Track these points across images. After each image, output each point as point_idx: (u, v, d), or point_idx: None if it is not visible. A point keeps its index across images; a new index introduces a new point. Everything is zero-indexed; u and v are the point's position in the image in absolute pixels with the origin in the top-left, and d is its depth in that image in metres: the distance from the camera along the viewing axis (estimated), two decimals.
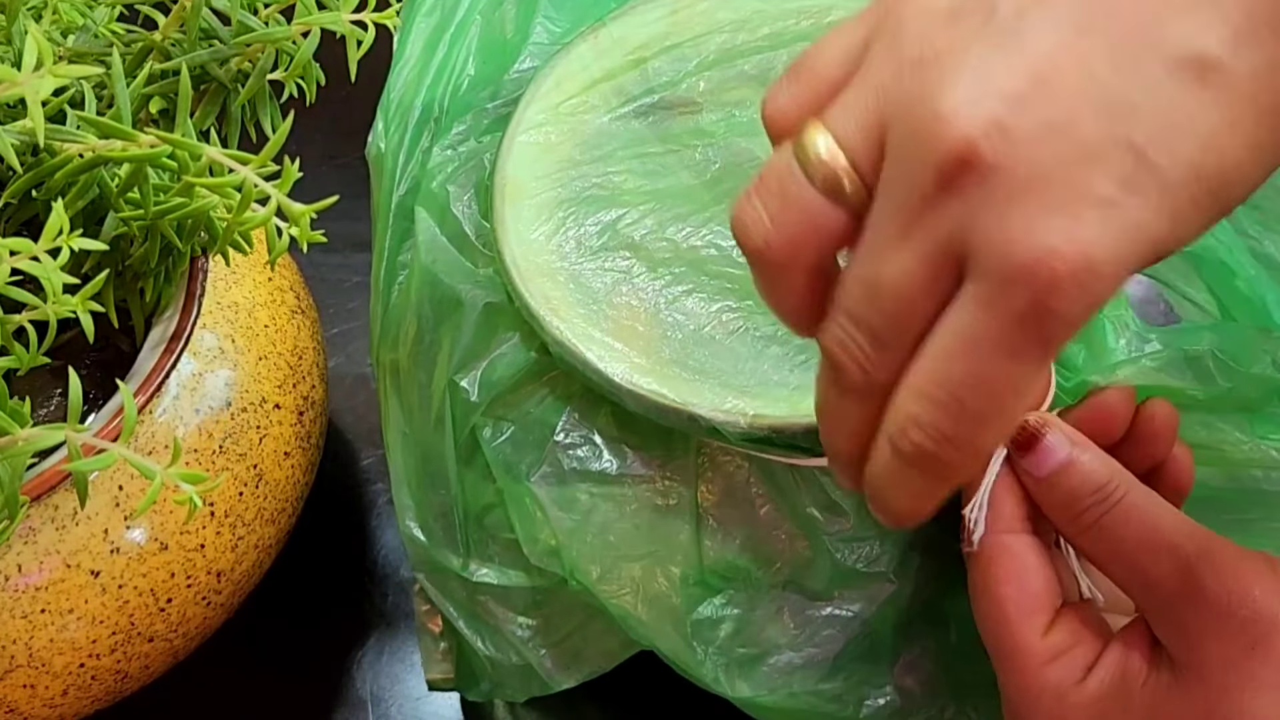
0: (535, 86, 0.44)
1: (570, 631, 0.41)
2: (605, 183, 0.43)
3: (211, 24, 0.38)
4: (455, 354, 0.41)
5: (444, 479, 0.42)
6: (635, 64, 0.45)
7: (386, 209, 0.44)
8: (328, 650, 0.50)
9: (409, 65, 0.46)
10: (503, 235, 0.41)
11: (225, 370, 0.41)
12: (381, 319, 0.44)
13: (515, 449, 0.40)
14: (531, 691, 0.42)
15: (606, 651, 0.41)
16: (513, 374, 0.40)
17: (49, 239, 0.32)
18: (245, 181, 0.33)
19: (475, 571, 0.41)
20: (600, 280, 0.41)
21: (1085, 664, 0.33)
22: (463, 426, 0.41)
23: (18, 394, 0.36)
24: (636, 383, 0.38)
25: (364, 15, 0.38)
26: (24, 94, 0.29)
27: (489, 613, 0.42)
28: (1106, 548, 0.33)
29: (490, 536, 0.41)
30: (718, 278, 0.41)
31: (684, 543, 0.39)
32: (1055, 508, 0.34)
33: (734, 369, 0.39)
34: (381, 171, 0.45)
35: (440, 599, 0.43)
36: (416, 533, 0.43)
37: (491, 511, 0.41)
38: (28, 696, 0.39)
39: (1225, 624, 0.31)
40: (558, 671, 0.42)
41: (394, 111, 0.45)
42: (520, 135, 0.43)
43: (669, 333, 0.39)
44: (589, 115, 0.44)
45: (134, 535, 0.38)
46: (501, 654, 0.42)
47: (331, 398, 0.48)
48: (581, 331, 0.39)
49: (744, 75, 0.45)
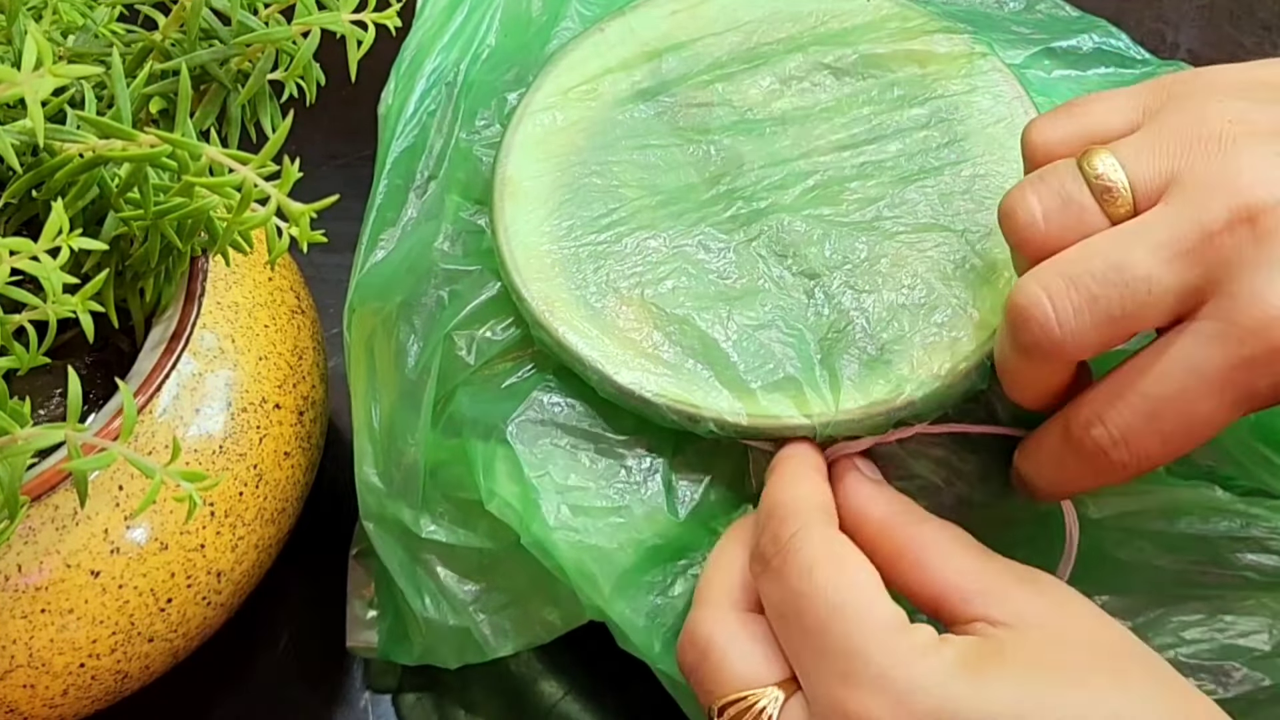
0: (547, 70, 0.45)
1: (513, 599, 0.41)
2: (605, 172, 0.43)
3: (211, 24, 0.38)
4: (460, 311, 0.41)
5: (408, 430, 0.41)
6: (649, 56, 0.45)
7: (383, 163, 0.45)
8: (328, 650, 0.50)
9: (426, 25, 0.47)
10: (500, 224, 0.41)
11: (225, 370, 0.41)
12: (365, 268, 0.44)
13: (493, 404, 0.40)
14: (465, 658, 0.42)
15: (547, 624, 0.41)
16: (505, 341, 0.41)
17: (49, 239, 0.32)
18: (245, 181, 0.33)
19: (425, 527, 0.41)
20: (593, 272, 0.41)
21: (934, 632, 0.32)
22: (448, 383, 0.41)
23: (18, 394, 0.36)
24: (627, 380, 0.38)
25: (364, 15, 0.38)
26: (24, 94, 0.29)
27: (432, 573, 0.42)
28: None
29: (443, 495, 0.41)
30: (709, 274, 0.41)
31: (652, 507, 0.39)
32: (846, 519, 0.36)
33: (729, 367, 0.39)
34: (385, 128, 0.46)
35: (386, 553, 0.42)
36: (374, 480, 0.42)
37: (447, 468, 0.41)
38: (28, 696, 0.39)
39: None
40: (495, 638, 0.41)
41: (404, 70, 0.46)
42: (526, 118, 0.43)
43: (661, 330, 0.40)
44: (596, 103, 0.44)
45: (134, 535, 0.38)
46: (440, 616, 0.41)
47: (331, 398, 0.48)
48: (576, 327, 0.39)
49: (757, 77, 0.45)
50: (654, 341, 0.39)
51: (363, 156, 0.46)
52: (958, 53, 0.44)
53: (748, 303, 0.40)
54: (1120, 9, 0.48)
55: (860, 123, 0.43)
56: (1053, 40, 0.46)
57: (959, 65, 0.44)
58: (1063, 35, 0.46)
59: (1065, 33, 0.46)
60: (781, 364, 0.38)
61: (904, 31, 0.45)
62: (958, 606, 0.33)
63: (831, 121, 0.43)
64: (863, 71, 0.44)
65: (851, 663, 0.30)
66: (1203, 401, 0.31)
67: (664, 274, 0.41)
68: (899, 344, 0.38)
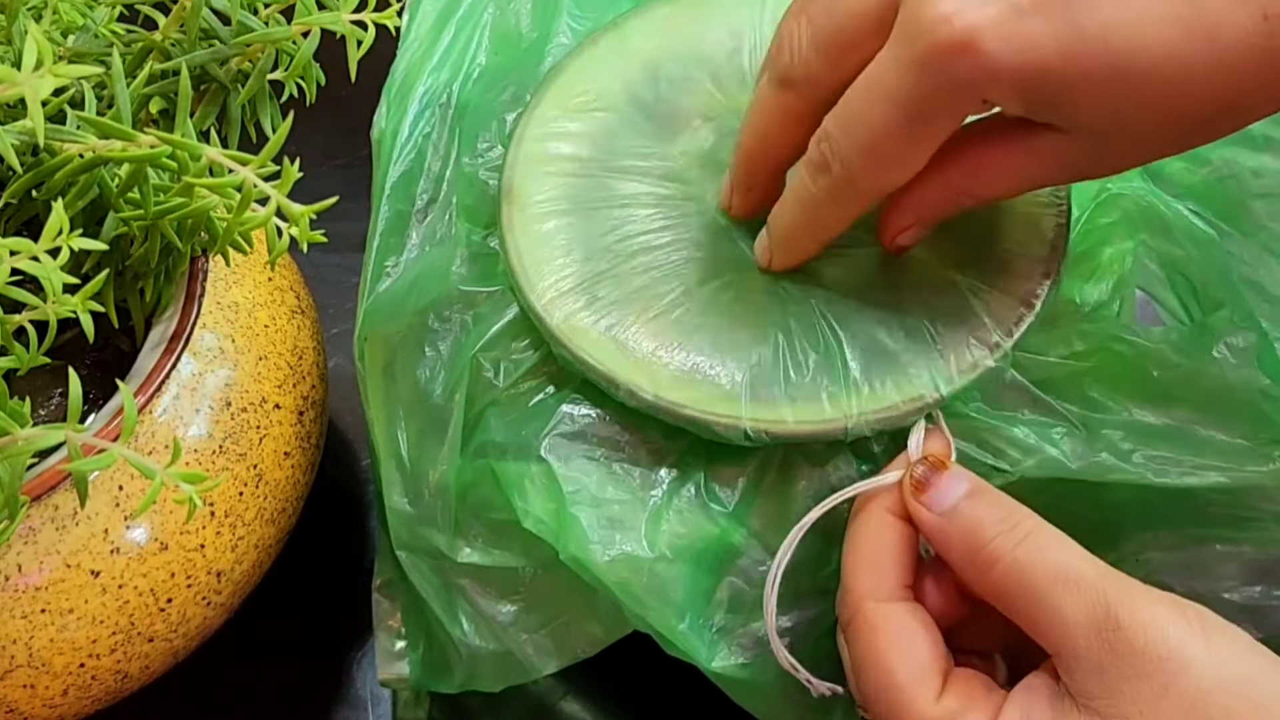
0: (544, 88, 0.44)
1: (553, 616, 0.41)
2: (610, 186, 0.42)
3: (211, 24, 0.38)
4: (485, 334, 0.41)
5: (437, 455, 0.41)
6: (645, 66, 0.45)
7: (381, 188, 0.44)
8: (328, 650, 0.50)
9: (414, 47, 0.46)
10: (511, 246, 0.41)
11: (225, 370, 0.41)
12: (373, 296, 0.43)
13: (523, 423, 0.40)
14: (509, 680, 0.42)
15: (590, 637, 0.40)
16: (530, 359, 0.41)
17: (49, 239, 0.32)
18: (245, 182, 0.33)
19: (460, 550, 0.41)
20: (607, 287, 0.40)
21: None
22: (476, 405, 0.40)
23: (18, 394, 0.36)
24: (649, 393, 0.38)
25: (364, 15, 0.38)
26: (24, 94, 0.29)
27: (469, 598, 0.41)
28: (1019, 583, 0.32)
29: (475, 517, 0.41)
30: (724, 282, 0.40)
31: (689, 513, 0.39)
32: (958, 545, 0.34)
33: (744, 375, 0.38)
34: (380, 153, 0.45)
35: (420, 581, 0.42)
36: (405, 507, 0.42)
37: (476, 490, 0.40)
38: (28, 696, 0.39)
39: (1140, 665, 0.30)
40: (539, 657, 0.41)
41: (396, 92, 0.45)
42: (527, 138, 0.43)
43: (680, 340, 0.39)
44: (595, 117, 0.44)
45: (134, 535, 0.38)
46: (480, 640, 0.41)
47: (331, 398, 0.48)
48: (596, 344, 0.39)
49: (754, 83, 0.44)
50: (674, 352, 0.39)
51: (362, 156, 0.46)
52: None
53: (762, 308, 0.40)
54: None
55: None
56: None
57: None
58: None
59: None
60: (802, 365, 0.38)
61: None
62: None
63: None
64: None
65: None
66: (879, 107, 0.33)
67: (678, 285, 0.40)
68: (914, 344, 0.38)
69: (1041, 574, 0.32)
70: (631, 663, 0.41)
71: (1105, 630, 0.31)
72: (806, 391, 0.38)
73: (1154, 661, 0.30)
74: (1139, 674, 0.30)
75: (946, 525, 0.34)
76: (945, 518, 0.34)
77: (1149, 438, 0.38)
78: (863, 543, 0.36)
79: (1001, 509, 0.34)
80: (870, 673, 0.34)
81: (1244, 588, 0.39)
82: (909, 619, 0.34)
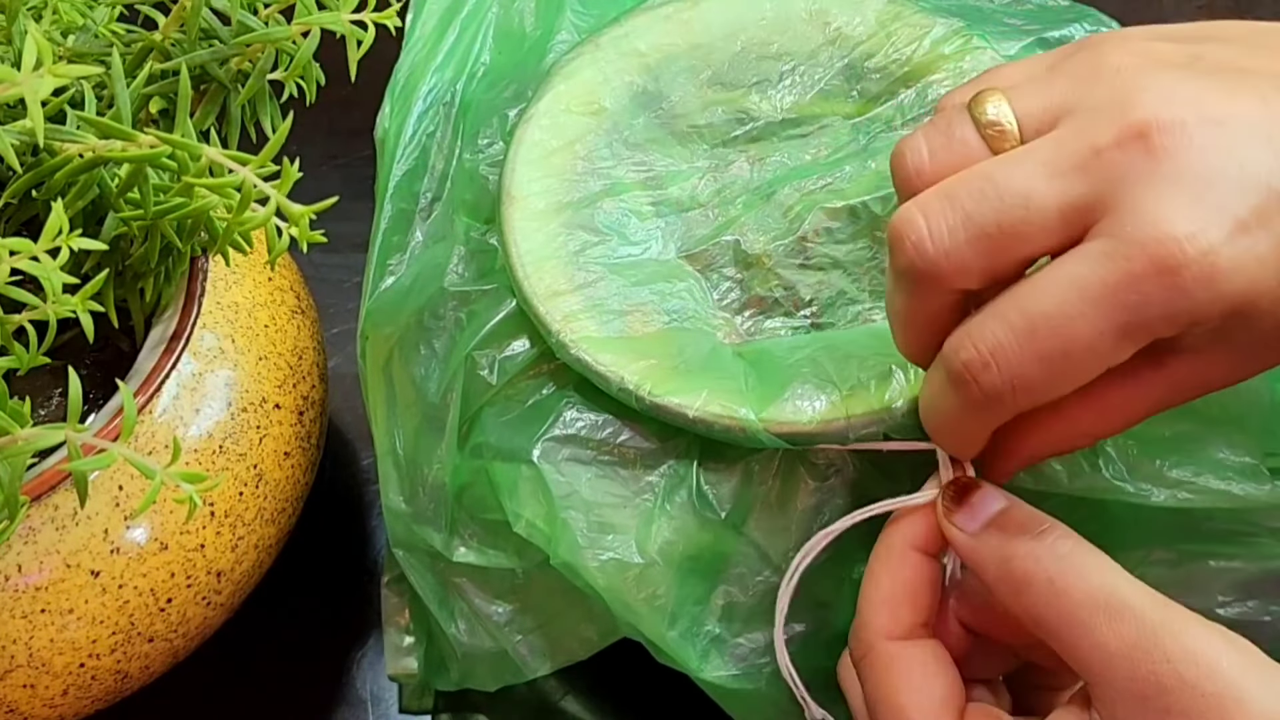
0: (546, 85, 0.44)
1: (548, 618, 0.41)
2: (610, 184, 0.43)
3: (211, 24, 0.38)
4: (479, 332, 0.41)
5: (433, 454, 0.41)
6: (646, 66, 0.45)
7: (384, 188, 0.44)
8: (328, 650, 0.50)
9: (418, 47, 0.46)
10: (510, 242, 0.41)
11: (225, 370, 0.41)
12: (375, 295, 0.43)
13: (518, 424, 0.40)
14: (503, 680, 0.42)
15: (584, 640, 0.40)
16: (526, 358, 0.40)
17: (49, 239, 0.32)
18: (245, 182, 0.33)
19: (455, 550, 0.41)
20: (606, 287, 0.40)
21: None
22: (472, 404, 0.40)
23: (18, 394, 0.36)
24: (648, 392, 0.38)
25: (364, 15, 0.38)
26: (24, 94, 0.29)
27: (465, 597, 0.41)
28: (1055, 607, 0.30)
29: (471, 516, 0.41)
30: (724, 281, 0.41)
31: (682, 518, 0.38)
32: (990, 565, 0.32)
33: (748, 375, 0.38)
34: (383, 152, 0.45)
35: (417, 579, 0.42)
36: (401, 505, 0.42)
37: (472, 490, 0.40)
38: (28, 696, 0.39)
39: (1188, 700, 0.28)
40: (533, 658, 0.41)
41: (399, 92, 0.45)
42: (528, 134, 0.43)
43: (678, 341, 0.39)
44: (596, 115, 0.44)
45: (134, 535, 0.38)
46: (475, 639, 0.41)
47: (331, 398, 0.48)
48: (596, 343, 0.39)
49: (754, 83, 0.44)
50: (673, 353, 0.39)
51: (363, 157, 0.46)
52: (955, 48, 0.44)
53: (760, 309, 0.40)
54: (1122, 9, 0.48)
55: (861, 125, 0.43)
56: (1045, 30, 0.45)
57: (957, 60, 0.44)
58: (1054, 25, 0.45)
59: (1057, 23, 0.45)
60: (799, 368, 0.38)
61: (900, 30, 0.45)
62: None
63: (831, 124, 0.43)
64: (861, 72, 0.44)
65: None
66: (1082, 320, 0.28)
67: (676, 287, 0.40)
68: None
69: (1080, 599, 0.30)
70: (633, 662, 0.41)
71: (1153, 662, 0.29)
72: (806, 391, 0.38)
73: (1205, 698, 0.28)
74: (1185, 710, 0.28)
75: (979, 545, 0.32)
76: (978, 538, 0.33)
77: (1154, 447, 0.38)
78: (882, 578, 0.34)
79: (1037, 527, 0.32)
80: (883, 712, 0.33)
81: (1237, 603, 0.38)
82: (924, 656, 0.33)
